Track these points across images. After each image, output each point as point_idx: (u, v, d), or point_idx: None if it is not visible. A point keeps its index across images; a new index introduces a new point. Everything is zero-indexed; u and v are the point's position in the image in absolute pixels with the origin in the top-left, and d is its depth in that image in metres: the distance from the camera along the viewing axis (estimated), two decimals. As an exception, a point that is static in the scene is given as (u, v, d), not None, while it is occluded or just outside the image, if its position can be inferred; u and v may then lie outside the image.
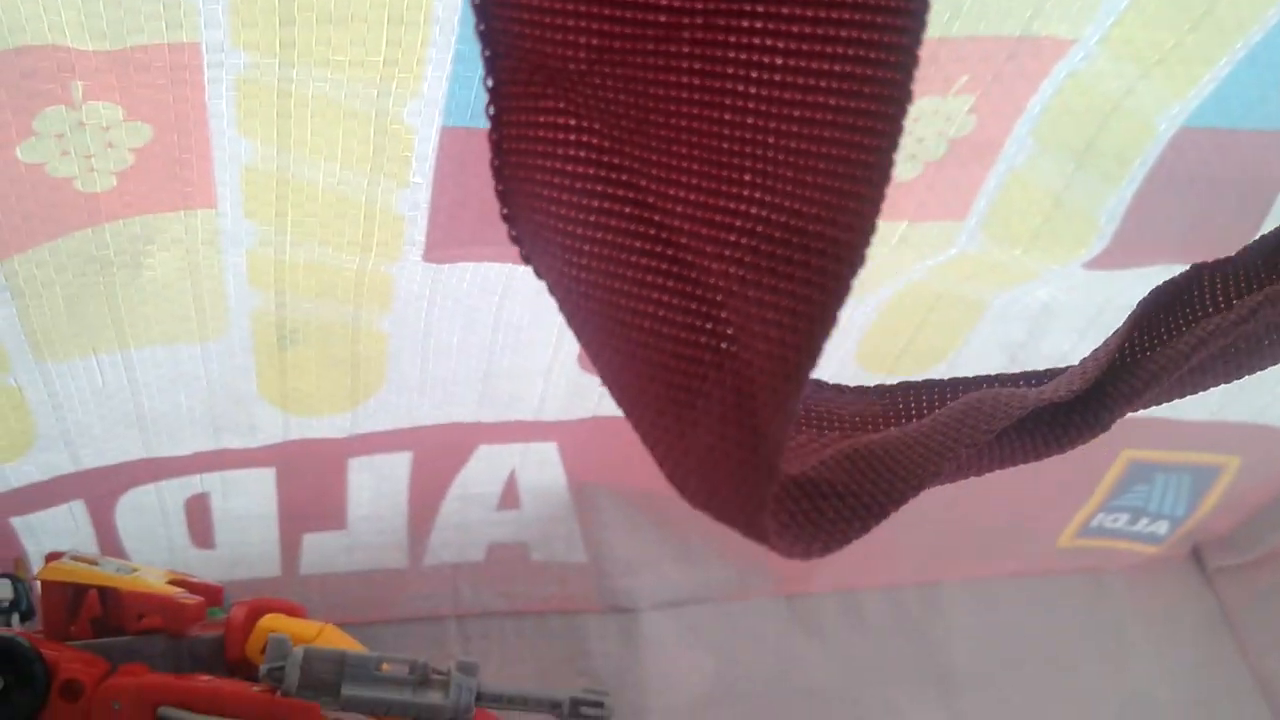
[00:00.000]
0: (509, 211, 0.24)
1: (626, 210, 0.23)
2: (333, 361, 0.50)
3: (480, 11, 0.22)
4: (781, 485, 0.23)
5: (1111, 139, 0.45)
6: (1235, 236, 0.51)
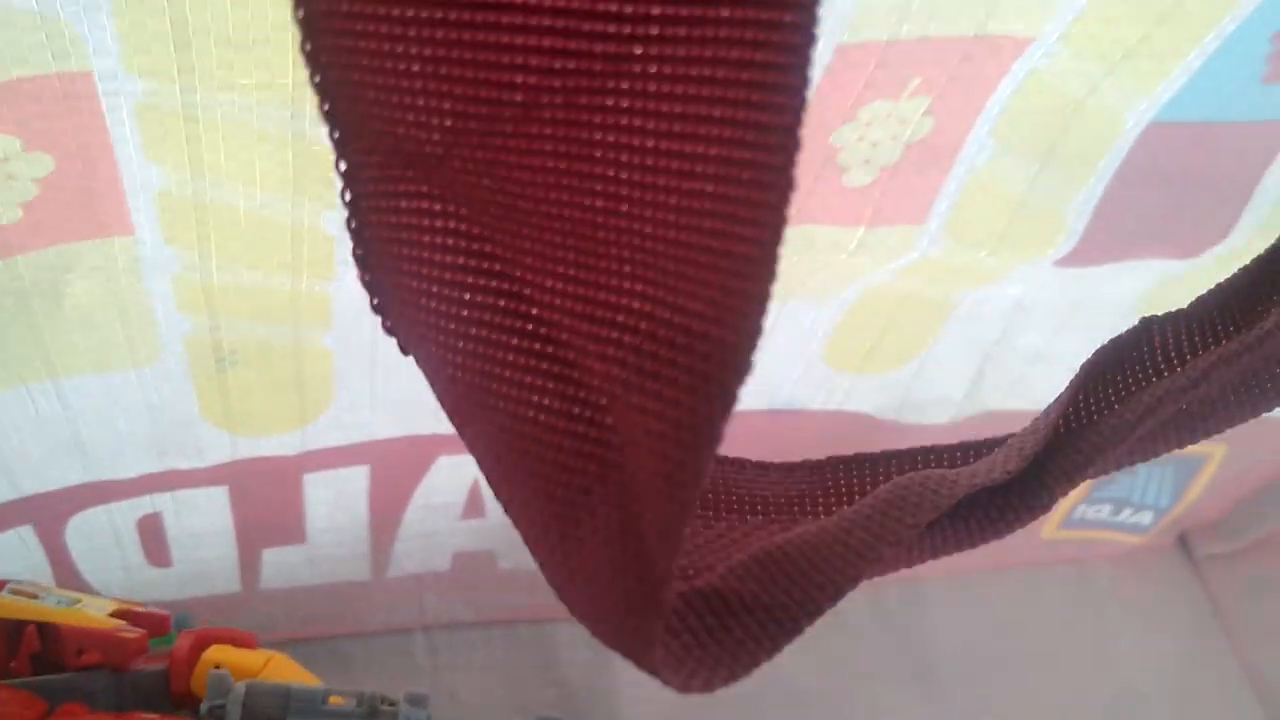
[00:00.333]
0: (379, 301, 0.22)
1: (501, 304, 0.21)
2: (276, 381, 0.49)
3: (320, 90, 0.19)
4: (684, 599, 0.21)
5: (1077, 137, 0.43)
6: (1213, 228, 0.50)
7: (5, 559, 0.54)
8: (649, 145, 0.17)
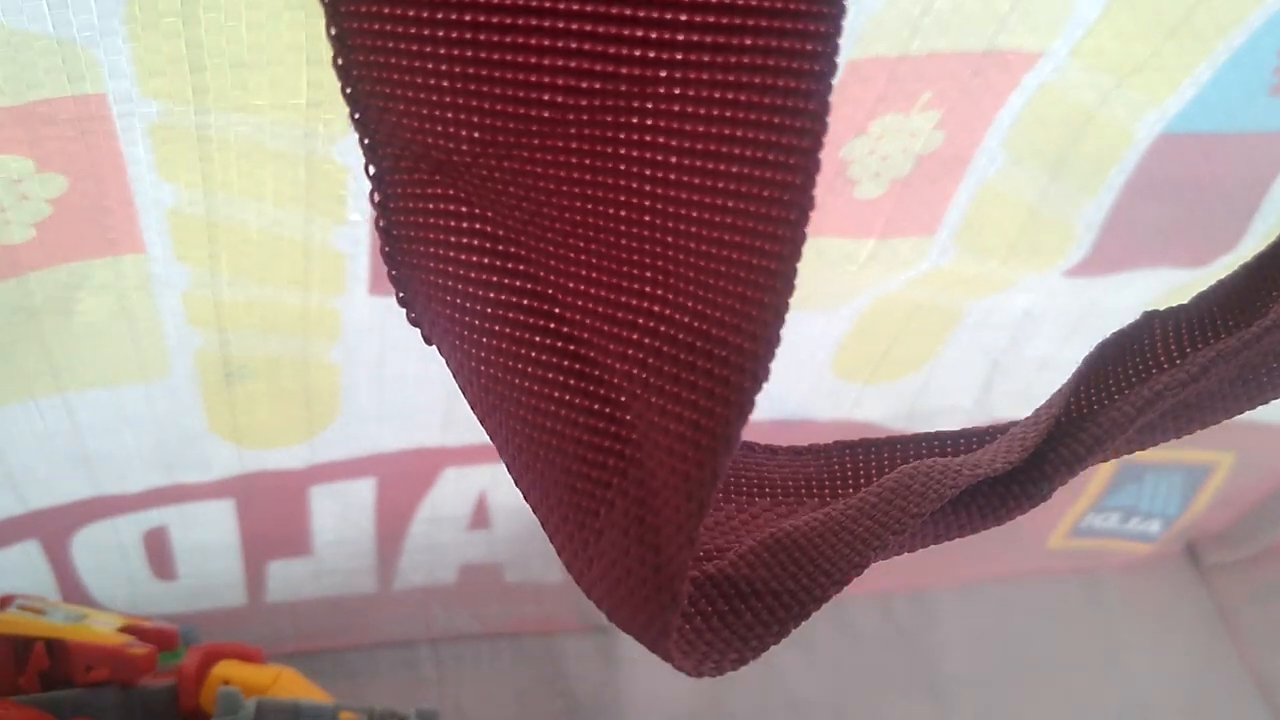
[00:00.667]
0: (405, 296, 0.23)
1: (525, 302, 0.21)
2: (284, 395, 0.48)
3: (351, 100, 0.20)
4: (695, 584, 0.21)
5: (1087, 148, 0.43)
6: (1222, 239, 0.50)
7: (11, 574, 0.54)
8: (672, 161, 0.18)
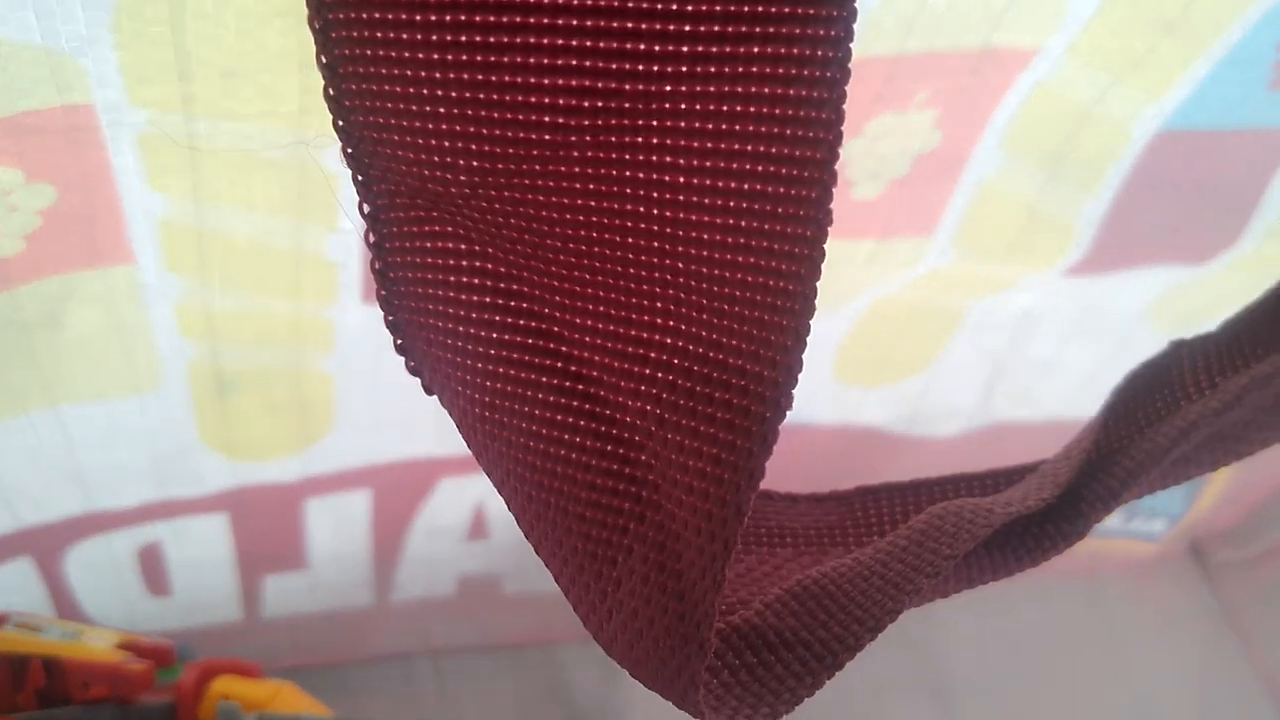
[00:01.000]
0: (403, 343, 0.22)
1: (530, 341, 0.20)
2: (277, 406, 0.48)
3: (344, 134, 0.19)
4: (720, 636, 0.21)
5: (1085, 146, 0.43)
6: (1223, 233, 0.49)
7: (5, 591, 0.53)
8: (680, 181, 0.17)
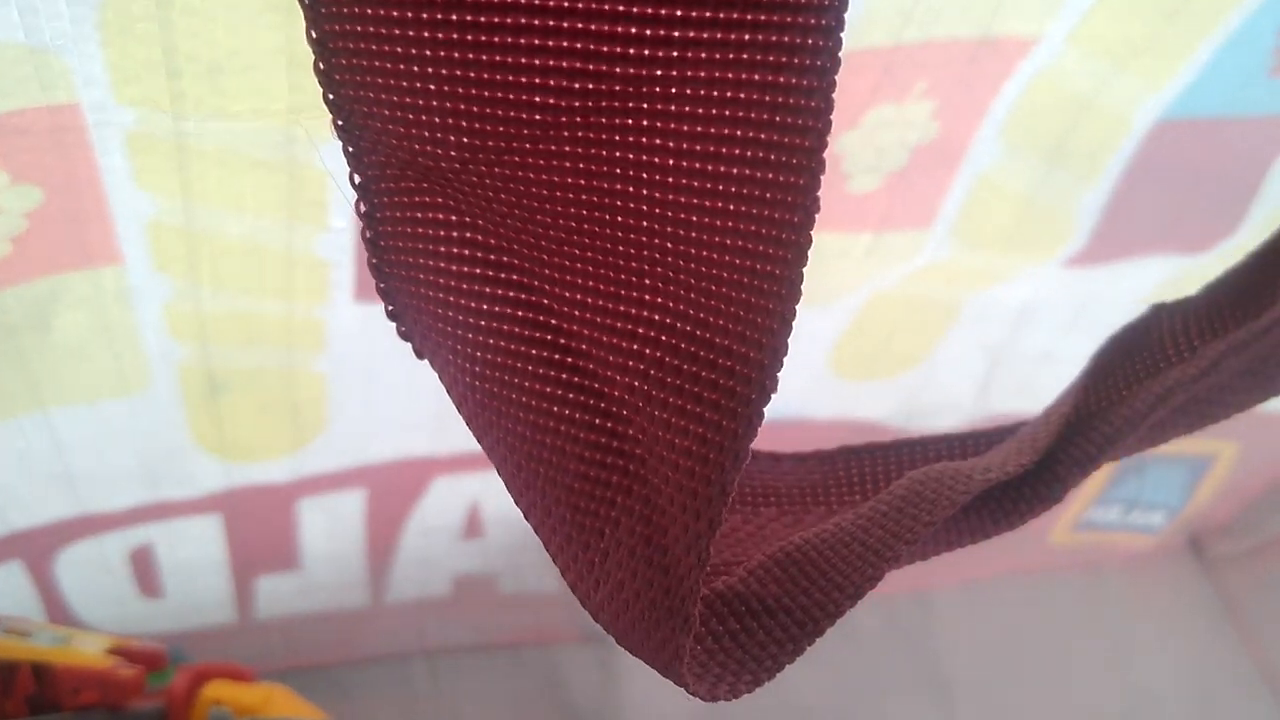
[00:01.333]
0: (394, 309, 0.22)
1: (520, 314, 0.20)
2: (269, 406, 0.47)
3: (334, 107, 0.19)
4: (704, 603, 0.20)
5: (1084, 136, 0.43)
6: (1223, 222, 0.49)
7: (-5, 596, 0.53)
8: (669, 164, 0.17)
